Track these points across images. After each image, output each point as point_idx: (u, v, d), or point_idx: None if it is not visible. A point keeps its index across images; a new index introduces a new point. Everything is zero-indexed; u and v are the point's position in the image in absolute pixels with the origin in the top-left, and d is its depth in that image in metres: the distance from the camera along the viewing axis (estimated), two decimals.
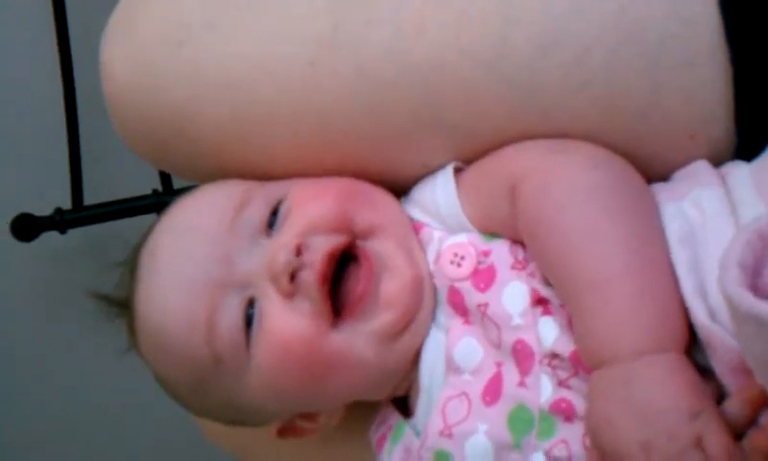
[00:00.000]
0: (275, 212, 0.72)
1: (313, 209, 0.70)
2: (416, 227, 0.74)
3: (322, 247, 0.69)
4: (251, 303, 0.70)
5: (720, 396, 0.60)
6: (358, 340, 0.69)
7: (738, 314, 0.52)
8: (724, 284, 0.52)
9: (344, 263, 0.70)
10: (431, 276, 0.71)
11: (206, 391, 0.72)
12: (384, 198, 0.74)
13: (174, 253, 0.72)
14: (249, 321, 0.70)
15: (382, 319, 0.69)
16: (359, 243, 0.70)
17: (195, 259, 0.70)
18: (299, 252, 0.68)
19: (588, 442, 0.64)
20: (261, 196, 0.72)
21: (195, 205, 0.74)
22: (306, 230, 0.69)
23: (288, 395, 0.71)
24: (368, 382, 0.71)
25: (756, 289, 0.53)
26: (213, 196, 0.74)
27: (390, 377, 0.72)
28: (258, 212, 0.72)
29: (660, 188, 0.69)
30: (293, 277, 0.68)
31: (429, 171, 0.74)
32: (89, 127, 1.25)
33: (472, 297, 0.69)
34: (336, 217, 0.70)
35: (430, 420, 0.70)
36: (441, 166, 0.73)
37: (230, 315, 0.69)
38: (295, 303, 0.68)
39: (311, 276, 0.68)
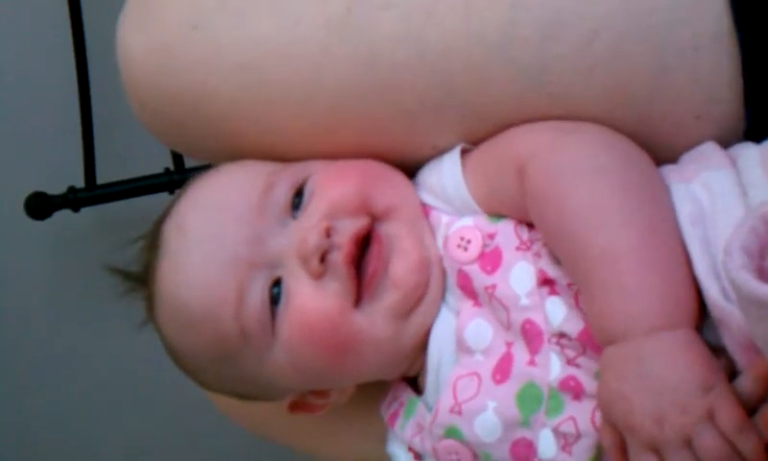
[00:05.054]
0: (298, 193, 0.73)
1: (337, 192, 0.72)
2: (425, 210, 0.75)
3: (348, 229, 0.70)
4: (276, 283, 0.71)
5: (732, 373, 0.60)
6: (376, 319, 0.70)
7: (742, 297, 0.53)
8: (728, 268, 0.53)
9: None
10: (440, 259, 0.72)
11: (228, 365, 0.74)
12: (401, 181, 0.75)
13: (203, 230, 0.73)
14: (275, 299, 0.71)
15: (390, 298, 0.71)
16: (375, 225, 0.72)
17: (225, 238, 0.72)
18: (328, 234, 0.70)
19: (598, 418, 0.64)
20: (286, 177, 0.74)
21: (222, 183, 0.75)
22: (331, 212, 0.71)
23: (308, 371, 0.73)
24: (383, 361, 0.73)
25: (762, 272, 0.53)
26: (240, 176, 0.75)
27: (404, 356, 0.73)
28: (284, 193, 0.73)
29: (668, 170, 0.69)
30: (323, 258, 0.69)
31: (438, 153, 0.74)
32: (102, 106, 1.25)
33: (480, 279, 0.70)
34: (358, 200, 0.71)
35: (441, 397, 0.71)
36: (449, 148, 0.74)
37: (258, 293, 0.71)
38: (322, 284, 0.70)
39: (339, 257, 0.69)
